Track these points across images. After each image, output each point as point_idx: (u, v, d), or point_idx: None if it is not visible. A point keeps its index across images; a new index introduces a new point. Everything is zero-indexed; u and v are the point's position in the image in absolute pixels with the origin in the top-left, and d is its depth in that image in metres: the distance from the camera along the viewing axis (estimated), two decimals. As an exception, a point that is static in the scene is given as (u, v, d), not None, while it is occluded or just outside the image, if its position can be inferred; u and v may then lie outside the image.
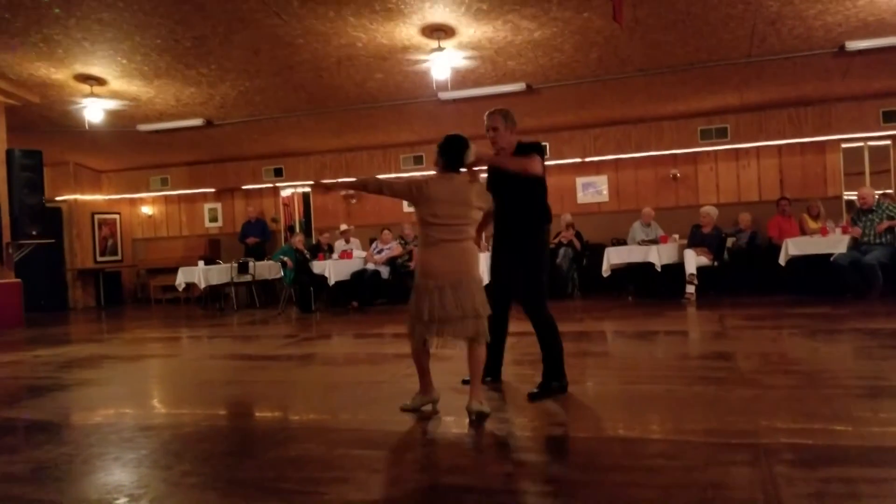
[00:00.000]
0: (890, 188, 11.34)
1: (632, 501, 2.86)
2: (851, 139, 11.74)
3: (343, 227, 13.23)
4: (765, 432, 3.65)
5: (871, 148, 11.74)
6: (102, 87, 10.42)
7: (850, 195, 11.50)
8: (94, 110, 10.72)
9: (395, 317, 10.29)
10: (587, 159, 13.04)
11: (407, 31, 8.68)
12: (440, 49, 8.96)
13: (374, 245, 12.52)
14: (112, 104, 10.97)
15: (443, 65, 9.11)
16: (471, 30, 8.69)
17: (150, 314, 13.13)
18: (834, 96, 11.43)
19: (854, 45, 9.07)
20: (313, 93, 10.93)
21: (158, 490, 3.26)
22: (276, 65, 9.75)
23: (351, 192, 13.53)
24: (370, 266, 12.05)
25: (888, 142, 11.59)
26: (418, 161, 13.84)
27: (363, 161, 14.35)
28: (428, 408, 4.39)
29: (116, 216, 16.17)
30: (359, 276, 11.88)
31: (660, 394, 4.72)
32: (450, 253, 4.18)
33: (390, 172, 14.03)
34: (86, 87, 10.35)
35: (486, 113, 4.77)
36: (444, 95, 10.58)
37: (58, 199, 14.94)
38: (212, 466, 3.60)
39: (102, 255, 15.80)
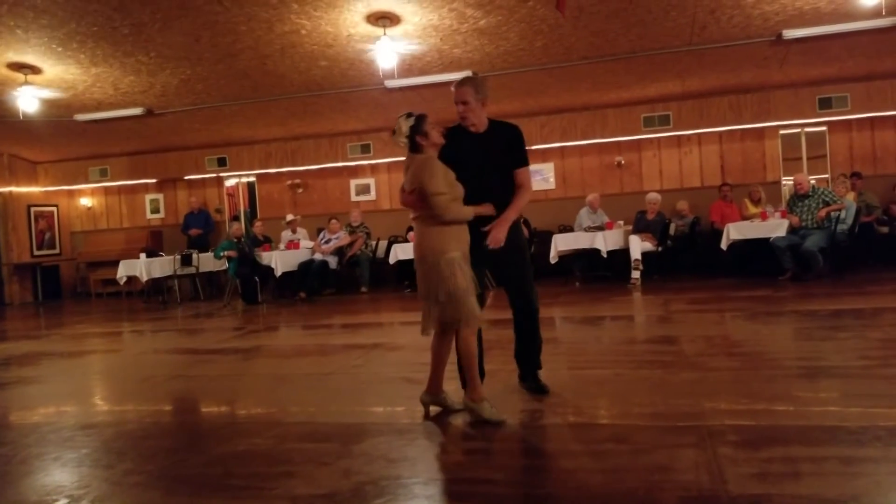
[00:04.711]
0: (826, 173, 11.65)
1: (580, 486, 2.89)
2: (789, 125, 12.02)
3: (289, 217, 13.05)
4: (709, 414, 3.72)
5: (808, 134, 12.04)
6: (37, 76, 10.08)
7: (788, 180, 11.77)
8: (28, 99, 10.34)
9: (344, 307, 10.24)
10: (533, 147, 13.05)
11: (352, 18, 8.58)
12: (386, 36, 8.88)
13: (321, 235, 12.40)
14: (48, 93, 10.63)
15: (388, 52, 9.03)
16: (416, 17, 8.64)
17: (90, 309, 12.82)
18: (772, 84, 11.67)
19: (791, 33, 9.24)
20: (257, 81, 10.74)
21: (100, 490, 3.19)
22: (218, 52, 9.56)
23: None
24: (318, 256, 11.95)
25: (824, 128, 11.91)
26: (366, 150, 13.73)
27: (309, 150, 14.18)
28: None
29: (54, 208, 15.71)
30: (306, 266, 11.77)
31: (607, 378, 4.78)
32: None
33: (337, 161, 13.95)
34: (20, 76, 9.99)
35: (455, 84, 4.13)
36: (390, 83, 10.49)
37: (-9, 191, 14.49)
38: (156, 464, 3.53)
39: (40, 248, 15.35)
